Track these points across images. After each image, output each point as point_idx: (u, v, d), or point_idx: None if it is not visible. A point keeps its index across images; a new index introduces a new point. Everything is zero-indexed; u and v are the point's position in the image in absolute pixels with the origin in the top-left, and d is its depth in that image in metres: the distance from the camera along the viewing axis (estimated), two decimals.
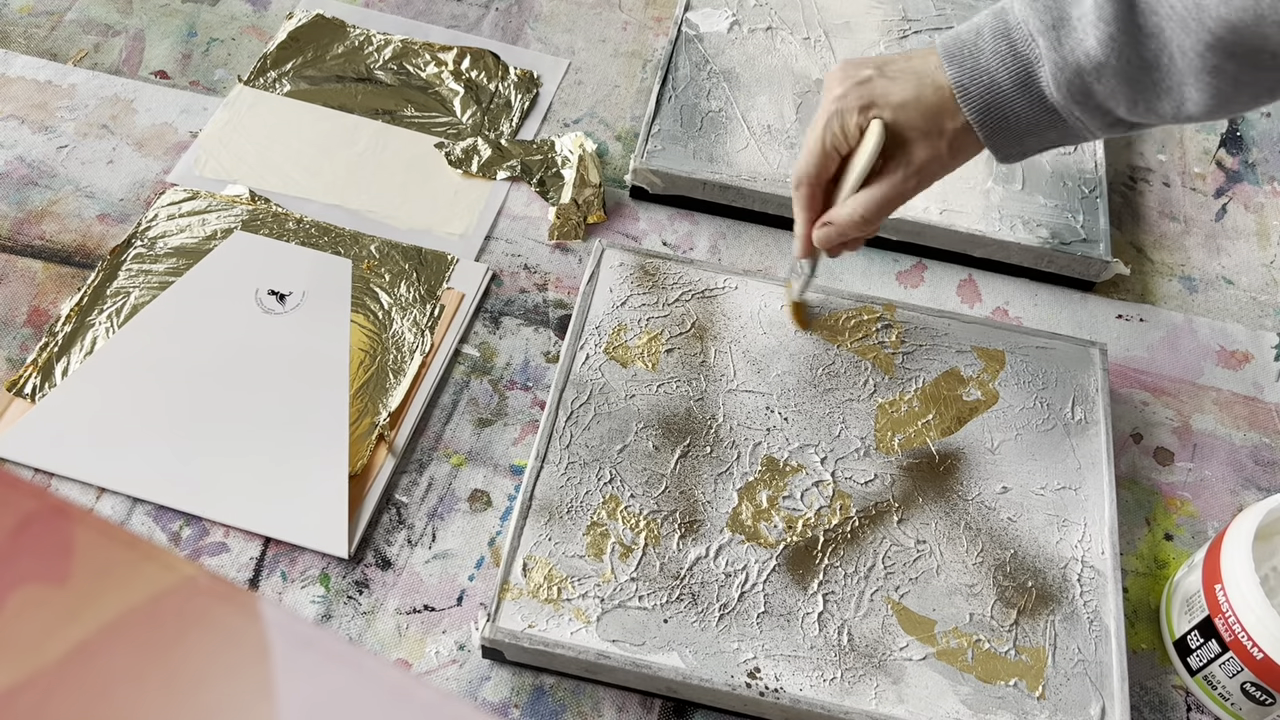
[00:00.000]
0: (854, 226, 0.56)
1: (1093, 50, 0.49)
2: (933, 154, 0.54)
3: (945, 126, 0.53)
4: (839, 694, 0.54)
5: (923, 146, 0.54)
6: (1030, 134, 0.53)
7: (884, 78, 0.54)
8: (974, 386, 0.66)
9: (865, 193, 0.55)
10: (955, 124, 0.53)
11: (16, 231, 0.71)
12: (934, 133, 0.53)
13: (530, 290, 0.71)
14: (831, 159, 0.56)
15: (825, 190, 0.58)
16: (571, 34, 0.86)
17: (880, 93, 0.53)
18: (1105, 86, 0.50)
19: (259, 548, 0.60)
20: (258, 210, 0.73)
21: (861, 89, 0.54)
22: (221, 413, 0.63)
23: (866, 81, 0.54)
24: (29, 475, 0.61)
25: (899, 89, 0.53)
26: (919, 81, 0.53)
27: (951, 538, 0.60)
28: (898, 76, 0.54)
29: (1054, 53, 0.50)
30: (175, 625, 0.24)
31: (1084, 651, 0.56)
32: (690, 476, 0.61)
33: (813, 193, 0.57)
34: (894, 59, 0.55)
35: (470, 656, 0.57)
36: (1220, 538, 0.57)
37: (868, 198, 0.55)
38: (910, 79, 0.53)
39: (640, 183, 0.75)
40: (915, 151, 0.54)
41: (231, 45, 0.83)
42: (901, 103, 0.53)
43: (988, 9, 0.54)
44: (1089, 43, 0.49)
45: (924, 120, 0.53)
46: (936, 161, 0.54)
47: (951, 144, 0.54)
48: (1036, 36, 0.50)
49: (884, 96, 0.53)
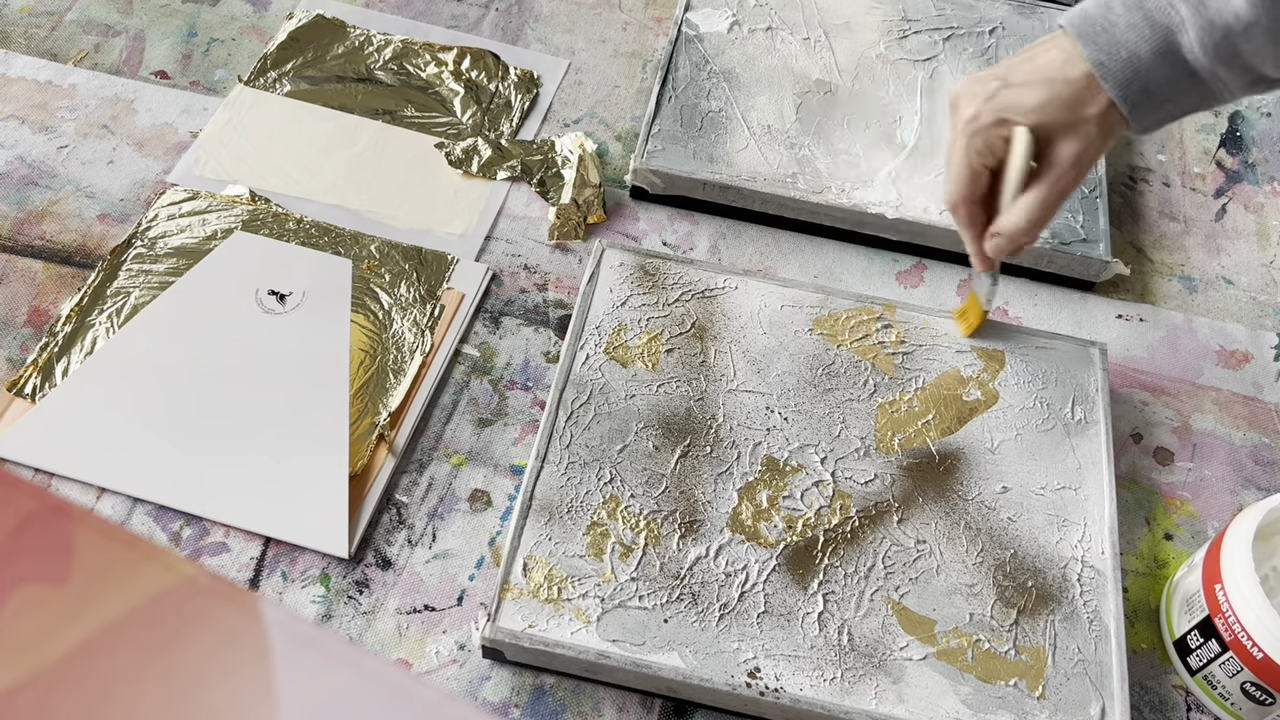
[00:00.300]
0: (1023, 233, 0.57)
1: (1241, 9, 0.49)
2: (1083, 143, 0.54)
3: (1088, 113, 0.53)
4: (839, 694, 0.54)
5: (1070, 140, 0.54)
6: (1171, 100, 0.53)
7: (1011, 87, 0.54)
8: (974, 386, 0.66)
9: (1027, 198, 0.56)
10: (1099, 107, 0.53)
11: (17, 231, 0.71)
12: (1078, 122, 0.53)
13: (530, 290, 0.71)
14: (982, 176, 0.57)
15: (983, 205, 0.58)
16: (571, 34, 0.86)
17: (1013, 102, 0.54)
18: (1253, 44, 0.50)
19: (259, 548, 0.60)
20: (258, 210, 0.73)
21: (993, 104, 0.54)
22: (222, 413, 0.63)
23: (994, 95, 0.54)
24: (29, 475, 0.61)
25: (1031, 94, 0.53)
26: (1049, 80, 0.53)
27: (951, 538, 0.60)
28: (1026, 82, 0.54)
29: (1199, 17, 0.50)
30: (175, 625, 0.24)
31: (1084, 651, 0.56)
32: (690, 476, 0.61)
33: (972, 211, 0.58)
34: (1015, 65, 0.55)
35: (470, 656, 0.57)
36: (1220, 538, 0.57)
37: (1032, 202, 0.56)
38: (1039, 81, 0.53)
39: (640, 183, 0.75)
40: (1064, 147, 0.54)
41: (232, 45, 0.83)
42: (1038, 105, 0.53)
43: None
44: (1237, 2, 0.49)
45: (1066, 114, 0.53)
46: (1089, 148, 0.55)
47: (1100, 126, 0.54)
48: (1177, 3, 0.51)
49: (1018, 104, 0.53)
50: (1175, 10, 0.51)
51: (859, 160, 0.76)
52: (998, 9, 0.87)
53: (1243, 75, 0.52)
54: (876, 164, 0.76)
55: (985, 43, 0.84)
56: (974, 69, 0.82)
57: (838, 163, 0.76)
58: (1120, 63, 0.52)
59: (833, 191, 0.74)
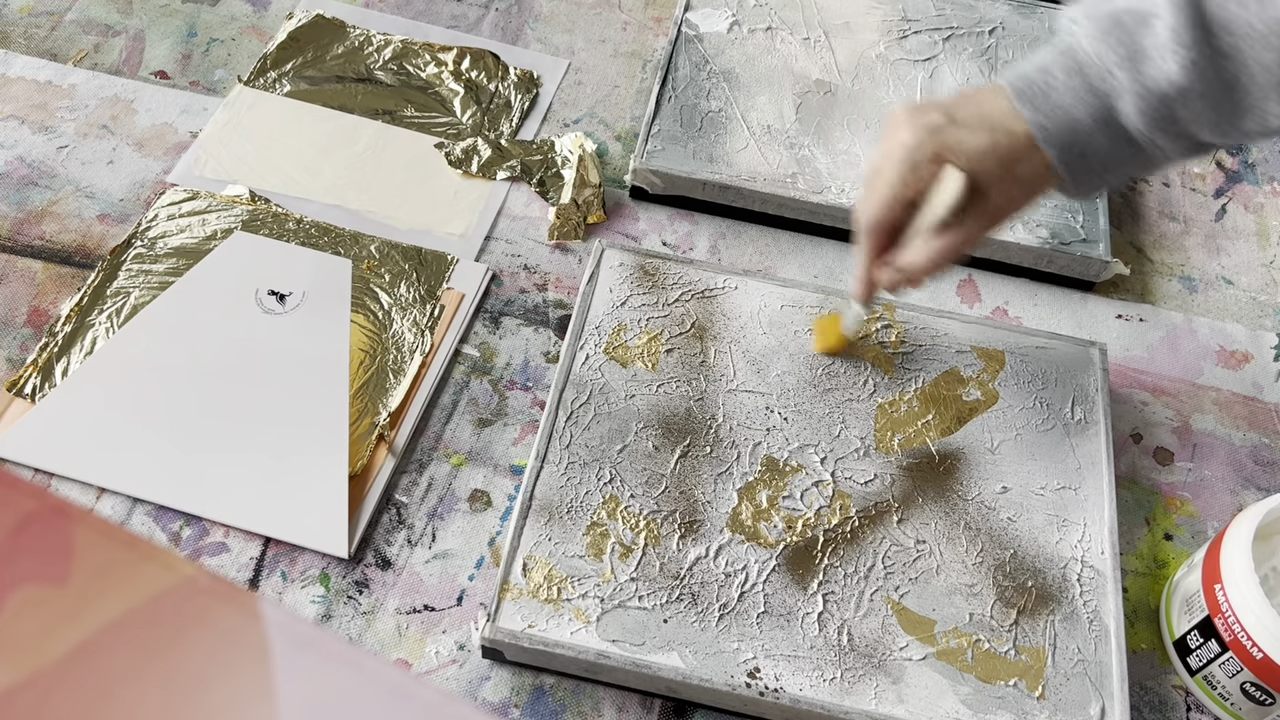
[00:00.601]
0: (923, 272, 0.56)
1: (1175, 76, 0.49)
2: (1008, 198, 0.54)
3: (1021, 171, 0.53)
4: (839, 694, 0.54)
5: (998, 192, 0.53)
6: (1109, 169, 0.53)
7: (956, 126, 0.53)
8: (974, 386, 0.66)
9: (940, 240, 0.55)
10: (1033, 167, 0.53)
11: (16, 231, 0.71)
12: (1009, 178, 0.53)
13: (530, 290, 0.71)
14: (902, 206, 0.55)
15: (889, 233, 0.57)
16: (571, 34, 0.86)
17: (954, 141, 0.52)
18: (1189, 111, 0.50)
19: (259, 548, 0.60)
20: (258, 210, 0.73)
21: (935, 138, 0.53)
22: (222, 413, 0.63)
23: (938, 130, 0.53)
24: (29, 475, 0.61)
25: (974, 138, 0.52)
26: (992, 128, 0.52)
27: (951, 538, 0.60)
28: (970, 125, 0.53)
29: (1135, 84, 0.50)
30: (175, 625, 0.24)
31: (1084, 651, 0.56)
32: (690, 476, 0.61)
33: (881, 239, 0.57)
34: (960, 103, 0.54)
35: (470, 656, 0.57)
36: (1220, 538, 0.57)
37: (944, 245, 0.55)
38: (983, 127, 0.52)
39: (640, 183, 0.75)
40: (991, 198, 0.53)
41: (231, 45, 0.83)
42: (977, 151, 0.52)
43: (1048, 46, 0.53)
44: (1170, 69, 0.49)
45: (1000, 167, 0.52)
46: (1011, 204, 0.54)
47: (1027, 186, 0.54)
48: (1114, 70, 0.50)
49: (958, 145, 0.52)
50: (1113, 76, 0.50)
51: (859, 160, 0.76)
52: (998, 9, 0.87)
53: (1179, 140, 0.51)
54: None
55: (985, 43, 0.84)
56: (974, 69, 0.82)
57: (838, 163, 0.76)
58: (1060, 126, 0.51)
59: (833, 191, 0.74)
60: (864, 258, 0.58)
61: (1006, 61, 0.83)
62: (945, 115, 0.53)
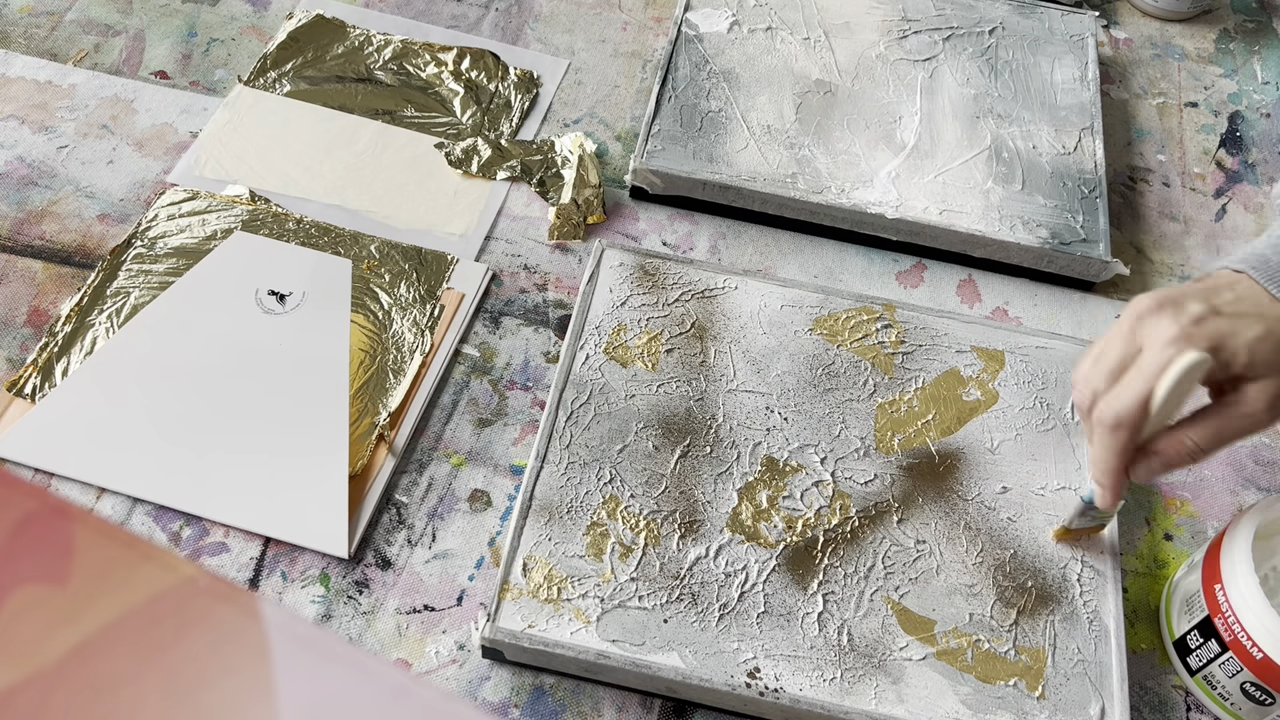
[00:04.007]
0: (1185, 460, 0.52)
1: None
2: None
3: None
4: (839, 694, 0.54)
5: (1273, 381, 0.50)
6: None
7: (1222, 316, 0.49)
8: (974, 386, 0.66)
9: (1210, 423, 0.51)
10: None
11: (16, 231, 0.71)
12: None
13: (530, 290, 0.71)
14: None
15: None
16: (571, 34, 0.86)
17: (1229, 332, 0.49)
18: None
19: (259, 548, 0.60)
20: (258, 210, 0.73)
21: (1205, 329, 0.49)
22: (222, 413, 0.63)
23: (1203, 320, 0.49)
24: (29, 475, 0.61)
25: (1249, 328, 0.49)
26: (1263, 315, 0.49)
27: (951, 538, 0.60)
28: (1239, 314, 0.50)
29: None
30: (175, 625, 0.24)
31: (1084, 651, 0.56)
32: (690, 476, 0.61)
33: (1133, 436, 0.51)
34: (1213, 290, 0.51)
35: (470, 656, 0.57)
36: (1220, 538, 0.57)
37: (1214, 429, 0.51)
38: (1253, 315, 0.49)
39: (640, 183, 0.75)
40: (1273, 387, 0.50)
41: (231, 45, 0.83)
42: (1257, 339, 0.49)
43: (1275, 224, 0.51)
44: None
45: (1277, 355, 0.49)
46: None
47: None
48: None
49: (1234, 336, 0.49)
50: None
51: (859, 160, 0.76)
52: (998, 9, 0.87)
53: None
54: (876, 164, 0.76)
55: (985, 43, 0.84)
56: (974, 69, 0.82)
57: (838, 163, 0.76)
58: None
59: (833, 191, 0.74)
60: (1117, 456, 0.52)
61: (1006, 61, 0.83)
62: (1206, 305, 0.50)
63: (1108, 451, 0.51)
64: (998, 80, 0.82)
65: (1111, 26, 0.92)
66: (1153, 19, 0.93)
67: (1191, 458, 0.51)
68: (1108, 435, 0.51)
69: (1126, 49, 0.91)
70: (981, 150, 0.77)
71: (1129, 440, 0.51)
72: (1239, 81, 0.89)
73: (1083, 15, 0.87)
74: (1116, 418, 0.50)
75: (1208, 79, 0.89)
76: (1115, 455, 0.51)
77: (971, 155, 0.77)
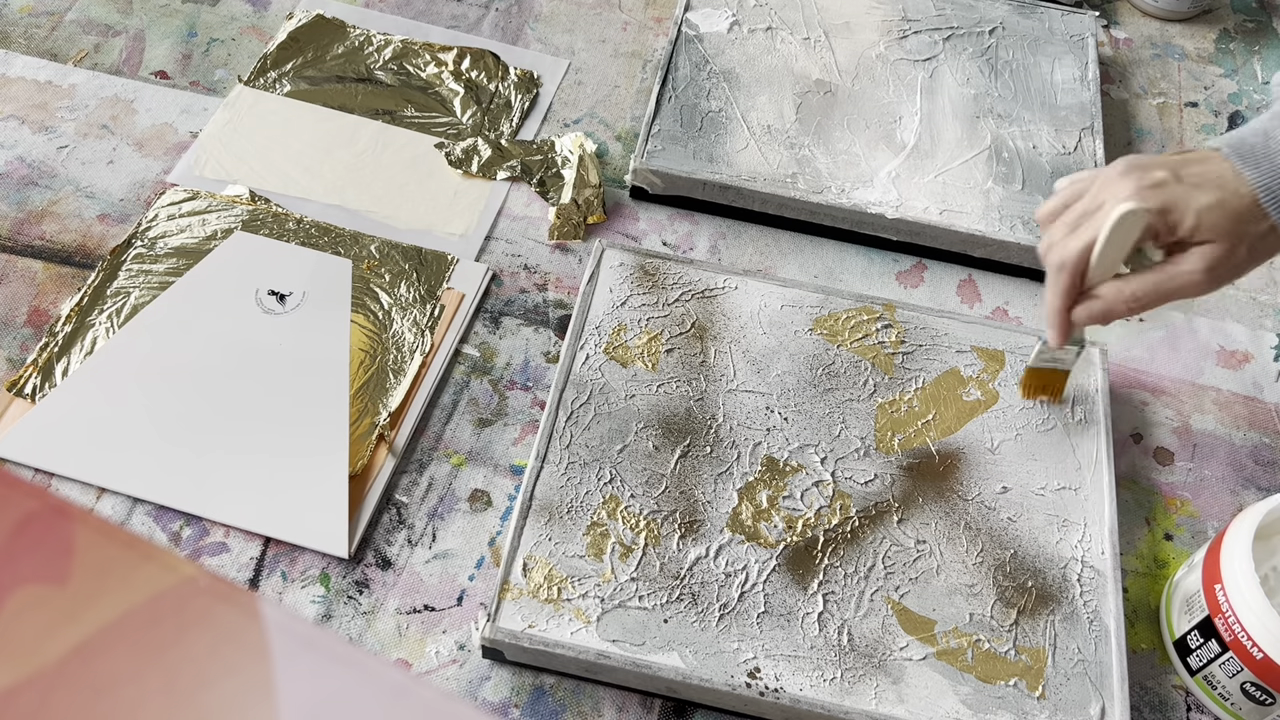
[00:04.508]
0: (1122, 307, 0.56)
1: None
2: (1229, 255, 0.54)
3: (1247, 230, 0.53)
4: (839, 694, 0.54)
5: (1221, 248, 0.53)
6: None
7: (1181, 183, 0.53)
8: (974, 386, 0.66)
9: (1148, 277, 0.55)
10: (1258, 228, 0.53)
11: (17, 231, 0.71)
12: (1235, 235, 0.53)
13: (530, 290, 0.71)
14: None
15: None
16: (571, 34, 0.86)
17: (1181, 198, 0.53)
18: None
19: (259, 548, 0.60)
20: (258, 210, 0.73)
21: (1160, 192, 0.53)
22: (222, 413, 0.63)
23: (1162, 184, 0.53)
24: (29, 475, 0.61)
25: (1202, 195, 0.53)
26: (1220, 187, 0.53)
27: (951, 538, 0.60)
28: (1198, 184, 0.53)
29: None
30: (175, 625, 0.24)
31: (1084, 651, 0.56)
32: (690, 476, 0.61)
33: (1077, 278, 0.56)
34: (1181, 163, 0.54)
35: (470, 656, 0.57)
36: (1220, 538, 0.57)
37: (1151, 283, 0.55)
38: (1211, 185, 0.53)
39: (640, 183, 0.75)
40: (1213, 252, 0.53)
41: (231, 45, 0.83)
42: (1205, 207, 0.53)
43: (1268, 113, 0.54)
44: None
45: (1229, 224, 0.53)
46: (1230, 263, 0.54)
47: (1251, 247, 0.54)
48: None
49: (1185, 201, 0.53)
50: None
51: (859, 160, 0.76)
52: (998, 9, 0.87)
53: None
54: (876, 164, 0.76)
55: (985, 43, 0.84)
56: (974, 69, 0.82)
57: (838, 163, 0.76)
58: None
59: (833, 191, 0.74)
60: (1060, 298, 0.57)
61: (1006, 61, 0.83)
62: (1170, 172, 0.53)
63: (1052, 291, 0.57)
64: (998, 80, 0.82)
65: (1111, 26, 0.92)
66: (1153, 19, 0.93)
67: (1128, 307, 0.56)
68: (1054, 276, 0.56)
69: (1126, 49, 0.91)
70: (981, 150, 0.77)
71: (1070, 282, 0.56)
72: (1239, 81, 0.89)
73: (1083, 15, 0.87)
74: (1061, 260, 0.56)
75: (1208, 79, 0.89)
76: (1057, 295, 0.57)
77: (971, 155, 0.77)
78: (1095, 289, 0.56)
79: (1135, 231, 0.53)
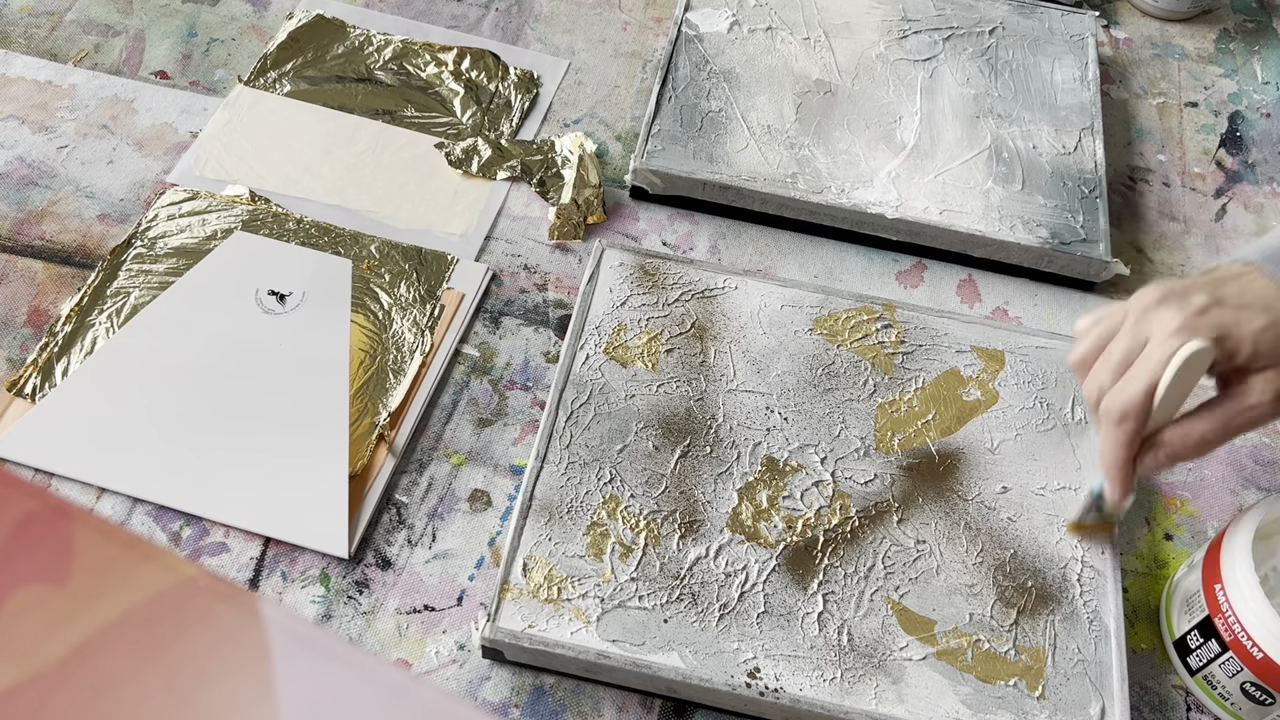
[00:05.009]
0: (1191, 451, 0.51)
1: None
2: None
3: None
4: (839, 694, 0.54)
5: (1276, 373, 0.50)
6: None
7: (1225, 306, 0.49)
8: (974, 386, 0.66)
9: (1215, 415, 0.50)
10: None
11: (16, 231, 0.71)
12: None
13: (530, 290, 0.71)
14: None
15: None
16: (571, 34, 0.86)
17: (1232, 323, 0.49)
18: None
19: (259, 548, 0.60)
20: (258, 210, 0.73)
21: (1208, 320, 0.49)
22: (222, 413, 0.63)
23: (1207, 310, 0.49)
24: (29, 475, 0.61)
25: (1254, 318, 0.49)
26: (1267, 308, 0.49)
27: (951, 538, 0.60)
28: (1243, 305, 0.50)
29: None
30: (175, 625, 0.24)
31: (1084, 651, 0.56)
32: (690, 476, 0.61)
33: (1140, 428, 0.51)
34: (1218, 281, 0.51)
35: (470, 656, 0.57)
36: (1220, 538, 0.57)
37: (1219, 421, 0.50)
38: (1257, 306, 0.49)
39: (640, 183, 0.75)
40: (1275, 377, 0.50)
41: (231, 45, 0.83)
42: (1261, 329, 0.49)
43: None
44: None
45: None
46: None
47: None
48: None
49: (1238, 327, 0.49)
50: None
51: (859, 160, 0.76)
52: (998, 9, 0.87)
53: None
54: (876, 164, 0.76)
55: (985, 43, 0.84)
56: (974, 69, 0.82)
57: (838, 163, 0.76)
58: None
59: (833, 191, 0.74)
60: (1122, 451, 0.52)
61: (1006, 61, 0.83)
62: (1210, 295, 0.50)
63: (1114, 444, 0.52)
64: (998, 80, 0.82)
65: (1111, 26, 0.92)
66: (1153, 19, 0.93)
67: (1198, 450, 0.51)
68: (1114, 428, 0.51)
69: (1126, 49, 0.91)
70: (981, 150, 0.77)
71: (1134, 432, 0.51)
72: (1239, 81, 0.89)
73: (1083, 15, 0.87)
74: (1122, 410, 0.50)
75: (1208, 79, 0.89)
76: (1122, 448, 0.52)
77: (971, 155, 0.77)
78: (1158, 436, 0.51)
79: (1202, 369, 0.49)
